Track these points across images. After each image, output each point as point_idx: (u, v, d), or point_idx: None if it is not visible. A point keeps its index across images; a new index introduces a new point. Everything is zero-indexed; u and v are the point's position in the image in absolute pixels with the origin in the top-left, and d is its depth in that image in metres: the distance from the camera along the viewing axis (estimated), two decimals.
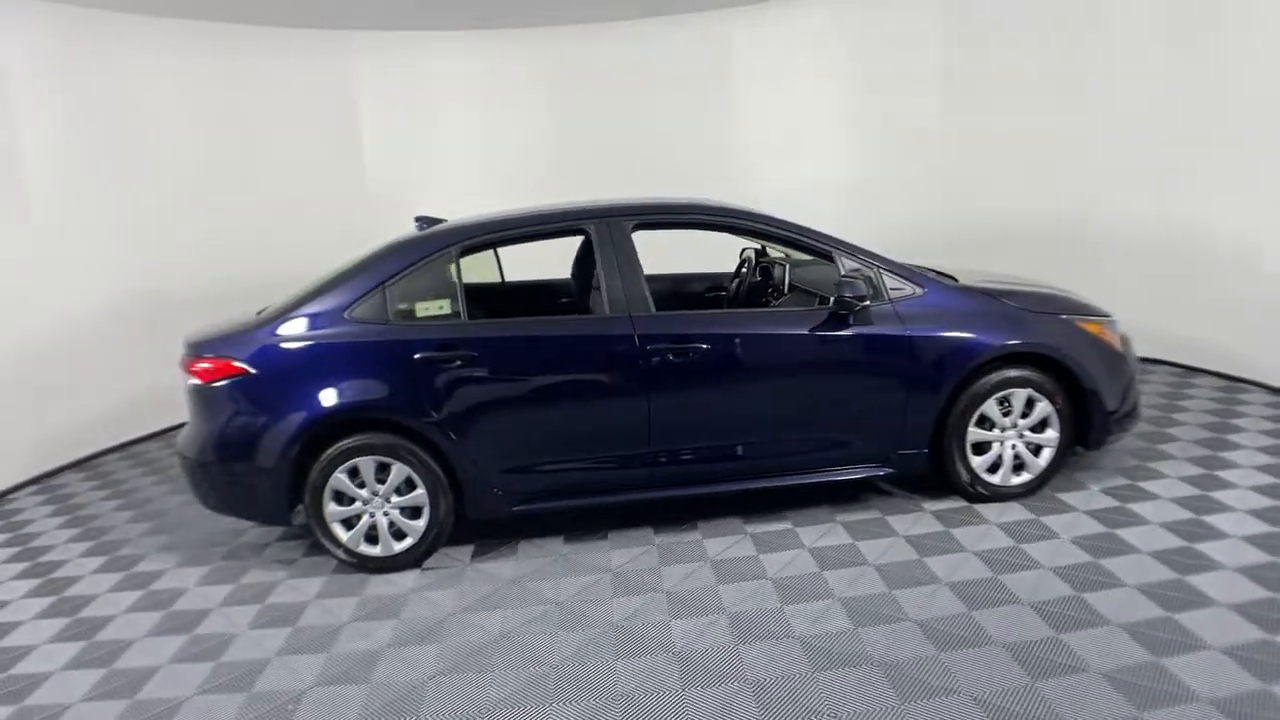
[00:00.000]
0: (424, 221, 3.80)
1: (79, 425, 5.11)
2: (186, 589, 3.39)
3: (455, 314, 3.34)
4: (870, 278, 3.38)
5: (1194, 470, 3.75)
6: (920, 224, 6.55)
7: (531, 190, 5.68)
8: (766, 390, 3.38)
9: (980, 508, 3.55)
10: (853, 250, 3.48)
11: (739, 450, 3.42)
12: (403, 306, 3.34)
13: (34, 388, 4.78)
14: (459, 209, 4.38)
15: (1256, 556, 2.95)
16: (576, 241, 4.11)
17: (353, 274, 3.38)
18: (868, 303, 3.32)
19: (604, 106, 6.74)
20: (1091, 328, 3.56)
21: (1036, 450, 3.57)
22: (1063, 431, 3.53)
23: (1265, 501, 3.37)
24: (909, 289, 3.45)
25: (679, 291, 4.80)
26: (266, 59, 6.02)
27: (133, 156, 5.39)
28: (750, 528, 3.56)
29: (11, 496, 4.57)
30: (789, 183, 6.71)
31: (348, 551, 3.36)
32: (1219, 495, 3.47)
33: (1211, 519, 3.26)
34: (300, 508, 3.35)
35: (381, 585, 3.32)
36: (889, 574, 3.07)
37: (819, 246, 3.49)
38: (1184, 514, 3.33)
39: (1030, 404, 3.50)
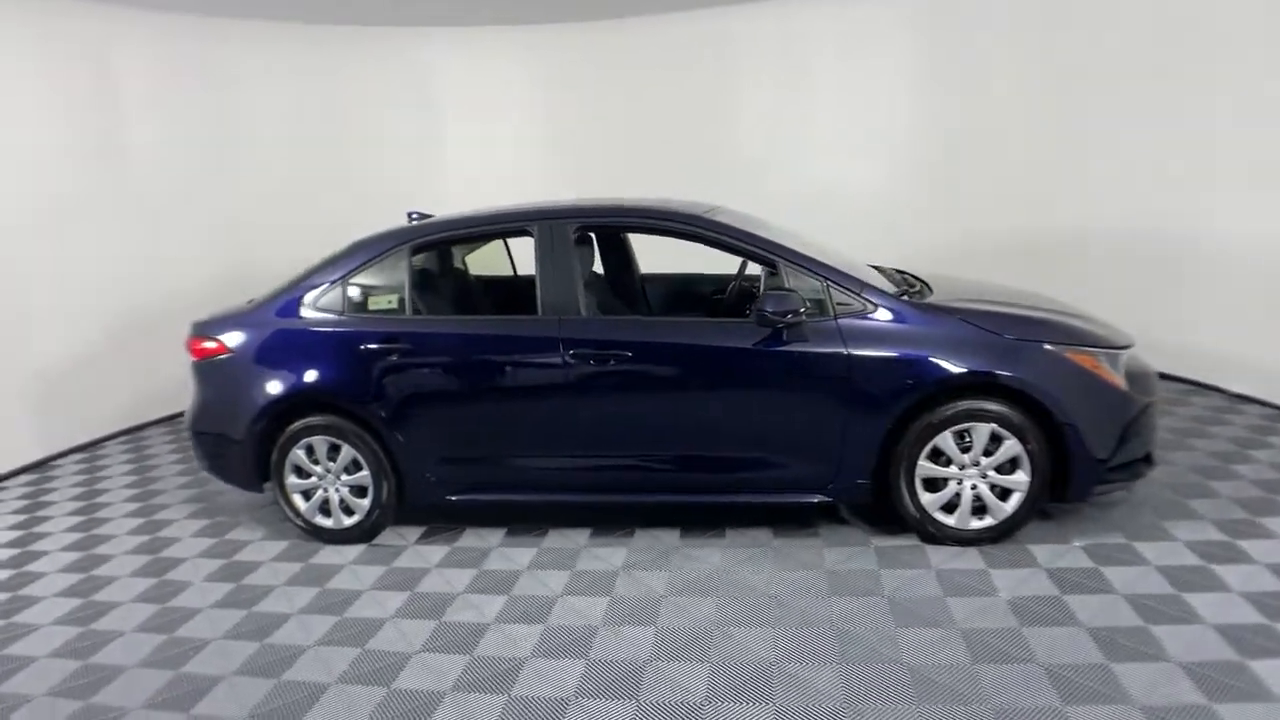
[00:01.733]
0: (416, 216, 4.03)
1: (169, 387, 5.89)
2: (180, 539, 3.88)
3: (401, 309, 3.53)
4: (793, 290, 3.13)
5: (1214, 535, 3.15)
6: (980, 231, 5.93)
7: (594, 181, 5.81)
8: (690, 403, 3.27)
9: (931, 549, 3.22)
10: (800, 260, 3.25)
11: (661, 462, 3.35)
12: (357, 300, 3.59)
13: (131, 354, 5.57)
14: (517, 198, 4.45)
15: (1216, 651, 2.45)
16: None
17: (321, 268, 3.66)
18: (799, 318, 3.09)
19: (668, 100, 6.67)
20: (1083, 360, 3.08)
21: (1005, 494, 3.17)
22: (1036, 475, 3.10)
23: (1276, 584, 2.78)
24: (857, 304, 3.18)
25: (685, 292, 4.70)
26: (352, 57, 6.55)
27: (231, 152, 6.11)
28: (683, 540, 3.47)
29: (104, 444, 5.42)
30: (842, 183, 6.35)
31: (304, 521, 3.68)
32: (1222, 570, 2.90)
33: (1193, 598, 2.75)
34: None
35: (330, 555, 3.61)
36: (782, 608, 2.88)
37: (763, 255, 3.30)
38: (1164, 588, 2.82)
39: (998, 441, 3.11)
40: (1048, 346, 3.09)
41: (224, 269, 6.07)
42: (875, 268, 4.14)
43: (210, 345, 3.70)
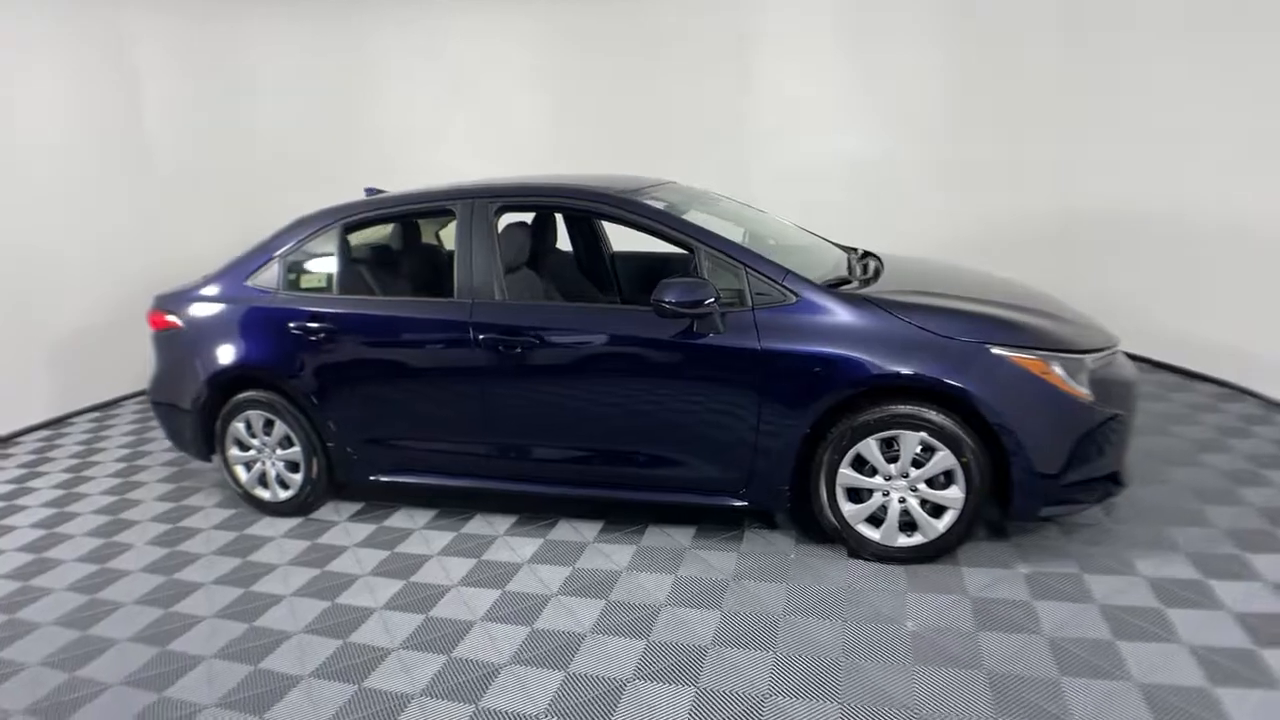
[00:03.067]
0: (370, 193, 4.00)
1: None
2: (142, 501, 4.05)
3: (330, 287, 3.51)
4: (704, 279, 2.89)
5: (1185, 572, 2.71)
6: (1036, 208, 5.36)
7: (604, 153, 5.66)
8: (594, 393, 3.08)
9: (853, 565, 2.94)
10: (717, 245, 2.99)
11: (568, 453, 3.20)
12: (291, 277, 3.59)
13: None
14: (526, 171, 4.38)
15: (1134, 716, 2.10)
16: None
17: (263, 245, 3.69)
18: (705, 309, 2.83)
19: (680, 70, 6.34)
20: (1031, 364, 2.69)
21: (939, 510, 2.84)
22: (972, 492, 2.76)
23: (1237, 639, 2.35)
24: (776, 295, 2.89)
25: (658, 271, 4.42)
26: (366, 31, 6.57)
27: (245, 128, 6.28)
28: (601, 536, 3.32)
29: (121, 403, 5.76)
30: (862, 154, 5.88)
31: (245, 492, 3.77)
32: (1178, 615, 2.49)
33: (1130, 647, 2.37)
34: None
35: (264, 527, 3.67)
36: (667, 619, 2.69)
37: (681, 238, 3.05)
38: (1099, 631, 2.45)
39: (931, 450, 2.78)
40: (992, 348, 2.72)
41: (239, 242, 6.27)
42: (849, 249, 3.82)
43: (163, 318, 3.80)
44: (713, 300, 2.83)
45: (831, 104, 6.00)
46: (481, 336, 3.16)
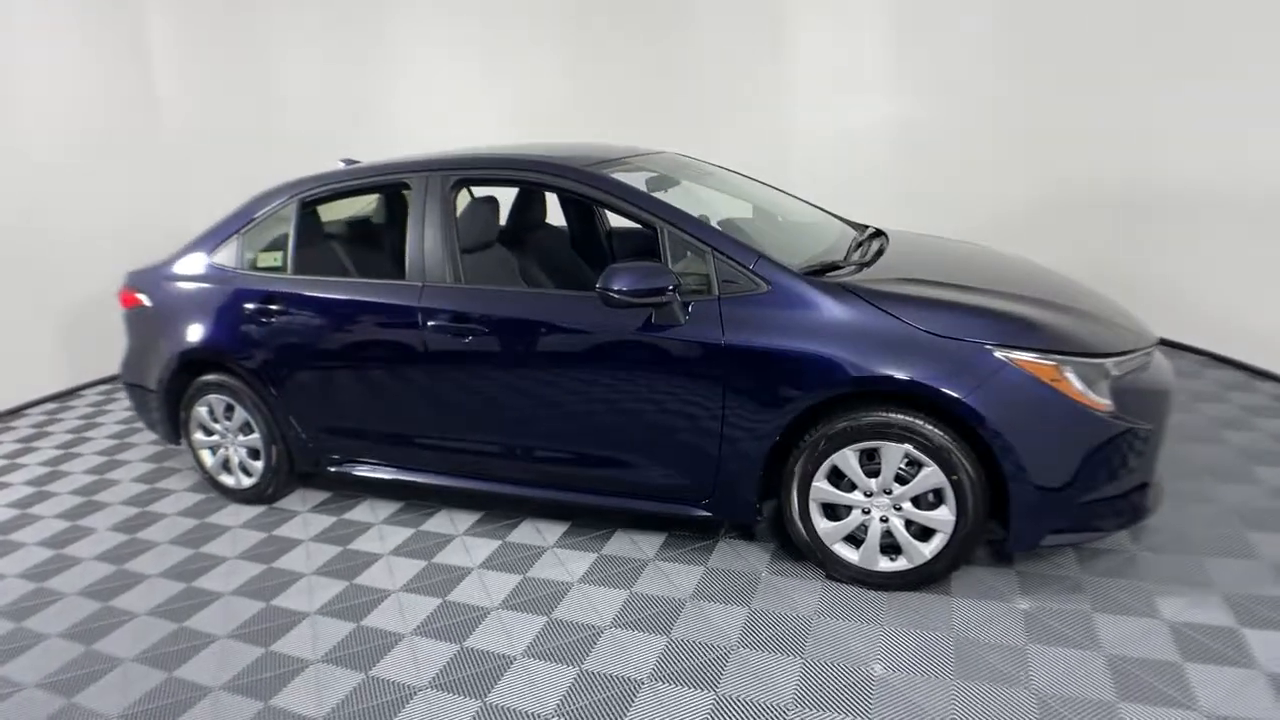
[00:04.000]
0: (348, 164, 3.78)
1: None
2: (119, 483, 3.99)
3: (282, 266, 3.31)
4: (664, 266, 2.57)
5: (1216, 617, 2.29)
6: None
7: (625, 122, 5.34)
8: (542, 387, 2.80)
9: (829, 589, 2.61)
10: (682, 223, 2.65)
11: (515, 451, 2.95)
12: (250, 255, 3.41)
13: None
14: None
15: None
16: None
17: (224, 220, 3.51)
18: (662, 298, 2.51)
19: (706, 29, 5.90)
20: (1039, 370, 2.29)
21: (927, 532, 2.48)
22: (964, 514, 2.38)
23: (1269, 709, 1.94)
24: (745, 282, 2.54)
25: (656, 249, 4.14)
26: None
27: (259, 100, 6.15)
28: (563, 539, 3.06)
29: None
30: (910, 124, 5.34)
31: (210, 478, 3.65)
32: (1200, 672, 2.08)
33: (1134, 712, 1.98)
34: None
35: (227, 515, 3.55)
36: (606, 645, 2.42)
37: (646, 217, 2.71)
38: (1100, 689, 2.07)
39: (918, 466, 2.41)
40: (994, 350, 2.32)
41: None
42: (860, 227, 3.43)
43: (133, 296, 3.69)
44: (672, 289, 2.51)
45: (875, 70, 5.46)
46: (430, 323, 2.91)
